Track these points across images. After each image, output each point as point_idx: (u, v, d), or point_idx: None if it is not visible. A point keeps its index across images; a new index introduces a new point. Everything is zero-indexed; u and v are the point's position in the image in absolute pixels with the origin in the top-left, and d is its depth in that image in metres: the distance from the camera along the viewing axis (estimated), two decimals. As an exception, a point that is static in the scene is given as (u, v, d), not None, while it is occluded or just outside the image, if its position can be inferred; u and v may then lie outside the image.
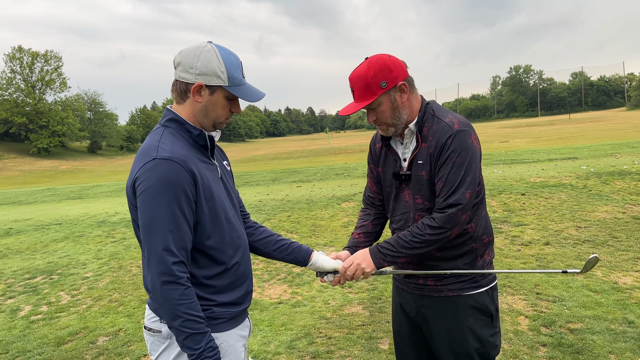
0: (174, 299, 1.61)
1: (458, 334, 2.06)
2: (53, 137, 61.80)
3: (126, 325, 4.77)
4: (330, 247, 7.23)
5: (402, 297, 2.26)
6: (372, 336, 4.11)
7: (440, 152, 1.94)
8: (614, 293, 4.59)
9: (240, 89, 1.77)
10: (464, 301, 2.06)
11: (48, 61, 66.60)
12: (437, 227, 1.92)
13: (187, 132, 1.78)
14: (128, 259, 7.43)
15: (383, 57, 1.97)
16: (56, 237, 9.66)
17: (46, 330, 4.80)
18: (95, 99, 76.01)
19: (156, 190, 1.62)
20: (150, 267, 1.64)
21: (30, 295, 5.99)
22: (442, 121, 1.98)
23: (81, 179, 35.84)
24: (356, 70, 1.99)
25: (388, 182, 2.17)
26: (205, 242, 1.75)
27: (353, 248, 2.24)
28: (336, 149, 40.88)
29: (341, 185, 14.05)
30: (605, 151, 17.15)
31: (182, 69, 1.74)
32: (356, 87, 1.98)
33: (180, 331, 1.64)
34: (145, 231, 1.64)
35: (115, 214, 12.19)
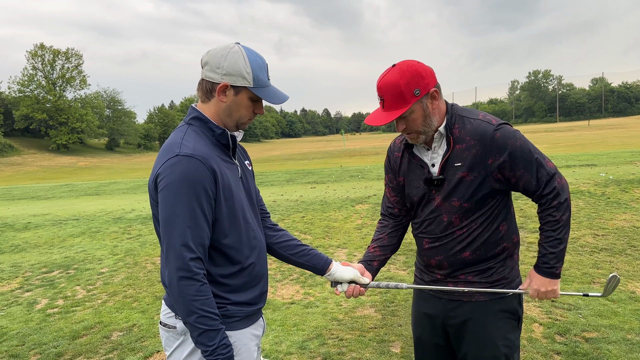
0: (190, 295, 1.63)
1: (488, 338, 2.05)
2: (72, 133, 62.73)
3: (140, 321, 4.82)
4: (344, 248, 7.23)
5: (427, 303, 2.21)
6: (383, 339, 4.10)
7: (493, 151, 1.90)
8: (631, 303, 4.52)
9: (265, 91, 1.79)
10: (495, 306, 2.06)
11: (69, 59, 67.64)
12: (559, 204, 1.92)
13: (210, 130, 1.81)
14: (143, 256, 7.50)
15: (413, 63, 1.91)
16: (73, 233, 9.80)
17: (62, 323, 4.87)
18: (114, 97, 76.99)
19: (177, 186, 1.64)
20: (168, 262, 1.66)
21: (47, 289, 6.08)
22: (476, 120, 1.96)
23: (99, 175, 36.30)
24: (386, 78, 1.90)
25: (415, 190, 2.11)
26: (222, 241, 1.76)
27: (368, 262, 2.21)
28: (351, 151, 40.85)
29: (355, 188, 14.03)
30: (625, 158, 16.87)
31: (209, 69, 1.76)
32: (387, 96, 1.90)
33: (194, 327, 1.65)
34: (164, 226, 1.67)
35: (132, 211, 12.32)
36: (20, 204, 16.60)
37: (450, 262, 2.07)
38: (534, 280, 2.02)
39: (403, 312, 4.65)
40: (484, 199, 1.98)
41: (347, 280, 2.08)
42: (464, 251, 2.04)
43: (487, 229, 2.02)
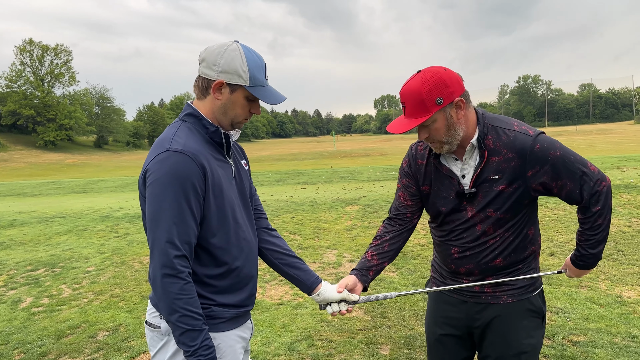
0: (172, 293, 1.60)
1: (513, 338, 2.06)
2: (60, 130, 62.07)
3: (127, 321, 4.76)
4: (334, 249, 7.21)
5: (451, 306, 2.18)
6: (372, 341, 4.09)
7: (533, 162, 1.86)
8: (618, 307, 4.55)
9: (261, 91, 1.76)
10: (522, 306, 2.06)
11: (58, 55, 66.96)
12: (602, 209, 1.89)
13: (204, 128, 1.78)
14: (131, 255, 7.43)
15: (439, 70, 1.84)
16: (60, 230, 9.68)
17: (46, 322, 4.80)
18: (104, 94, 76.31)
19: (165, 181, 1.62)
20: (153, 258, 1.64)
21: (32, 287, 5.99)
22: (512, 130, 1.91)
23: (87, 173, 35.96)
24: (409, 85, 1.85)
25: (443, 200, 2.05)
26: (210, 240, 1.74)
27: (363, 272, 2.12)
28: (341, 152, 40.85)
29: (346, 189, 14.03)
30: (612, 164, 17.04)
31: (206, 65, 1.74)
32: (408, 103, 1.85)
33: (176, 326, 1.62)
34: (150, 222, 1.64)
35: (120, 209, 12.21)
36: (6, 201, 16.38)
37: (481, 269, 2.05)
38: (570, 269, 2.10)
39: (392, 314, 4.64)
40: (519, 208, 1.96)
41: (336, 300, 2.00)
42: (495, 259, 2.03)
43: (518, 235, 2.01)
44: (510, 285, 2.06)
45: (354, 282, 2.08)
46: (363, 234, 8.13)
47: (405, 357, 3.79)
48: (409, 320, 4.51)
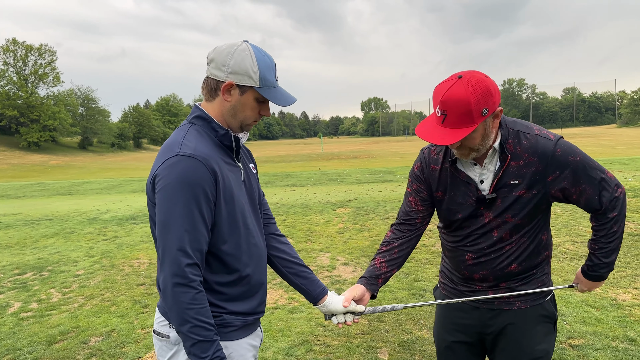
0: (184, 303, 1.55)
1: (528, 344, 2.04)
2: (44, 131, 61.15)
3: (119, 326, 4.67)
4: (326, 252, 7.17)
5: (463, 313, 2.15)
6: (371, 345, 4.05)
7: (553, 167, 1.84)
8: (614, 310, 4.57)
9: (271, 92, 1.71)
10: (535, 312, 2.05)
11: (42, 55, 66.03)
12: (617, 216, 1.88)
13: (213, 131, 1.73)
14: (120, 258, 7.32)
15: (483, 78, 1.73)
16: (46, 233, 9.51)
17: (36, 328, 4.69)
18: (88, 95, 75.33)
19: (175, 187, 1.56)
20: (163, 267, 1.58)
21: (20, 292, 5.86)
22: (533, 135, 1.87)
23: (71, 174, 35.45)
24: (453, 92, 1.70)
25: (459, 206, 2.00)
26: (221, 247, 1.69)
27: (371, 280, 2.05)
28: (329, 155, 40.84)
29: (335, 191, 14.01)
30: (598, 167, 17.25)
31: (215, 66, 1.68)
32: (451, 112, 1.71)
33: (187, 337, 1.57)
34: (161, 229, 1.59)
35: (107, 212, 12.05)
36: (-10, 203, 16.07)
37: (496, 275, 2.02)
38: (584, 285, 2.07)
39: (389, 318, 4.61)
40: (536, 213, 1.94)
41: (342, 312, 1.95)
42: (511, 265, 2.00)
43: (533, 240, 1.99)
44: (526, 288, 2.04)
45: (362, 293, 2.02)
46: (356, 236, 8.10)
47: (405, 362, 3.76)
48: (406, 324, 4.48)
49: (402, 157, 34.51)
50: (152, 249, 7.86)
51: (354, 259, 6.77)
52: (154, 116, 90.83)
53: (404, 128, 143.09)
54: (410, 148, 46.84)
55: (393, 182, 16.20)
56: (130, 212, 11.77)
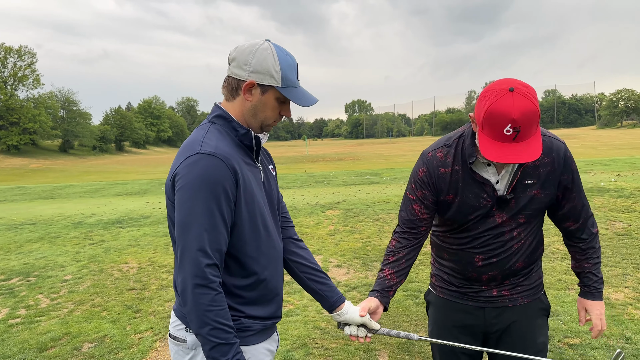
0: (203, 304, 1.51)
1: (532, 338, 2.08)
2: (24, 134, 60.12)
3: (112, 332, 4.58)
4: (319, 255, 7.13)
5: (467, 314, 2.13)
6: (370, 348, 4.03)
7: (564, 168, 1.90)
8: (608, 309, 4.61)
9: (293, 92, 1.68)
10: (535, 305, 2.11)
11: (22, 57, 64.92)
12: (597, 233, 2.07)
13: (234, 130, 1.69)
14: (109, 263, 7.19)
15: (526, 84, 1.69)
16: (31, 238, 9.32)
17: (26, 335, 4.58)
18: (69, 97, 74.34)
19: (195, 186, 1.53)
20: (183, 267, 1.54)
21: (7, 298, 5.72)
22: (547, 136, 1.89)
23: (52, 178, 34.87)
24: (524, 107, 1.63)
25: (471, 208, 1.97)
26: (240, 248, 1.65)
27: (383, 293, 2.00)
28: (314, 157, 40.82)
29: (323, 193, 13.99)
30: (580, 168, 17.46)
31: (236, 65, 1.65)
32: (525, 126, 1.65)
33: (207, 340, 1.52)
34: (180, 229, 1.55)
35: (92, 216, 11.86)
36: (-30, 207, 15.72)
37: (504, 274, 2.03)
38: (595, 309, 2.08)
39: (386, 320, 4.59)
40: (542, 212, 2.00)
41: (357, 323, 1.90)
42: (518, 262, 2.02)
43: (536, 236, 2.04)
44: (526, 286, 2.08)
45: (377, 305, 1.97)
46: (347, 238, 8.09)
47: (405, 364, 3.75)
48: (403, 326, 4.47)
49: (386, 159, 34.65)
50: (140, 253, 7.75)
51: (347, 261, 6.75)
52: (136, 119, 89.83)
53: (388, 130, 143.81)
54: (394, 150, 47.05)
55: (380, 183, 16.23)
56: (116, 216, 11.60)
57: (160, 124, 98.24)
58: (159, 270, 6.68)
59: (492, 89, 1.69)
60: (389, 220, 9.30)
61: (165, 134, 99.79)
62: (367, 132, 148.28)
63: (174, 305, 1.76)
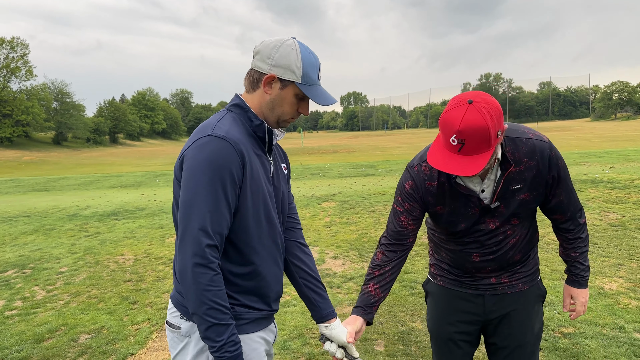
0: (202, 284, 1.51)
1: (530, 325, 2.14)
2: (17, 126, 59.74)
3: (109, 323, 4.58)
4: (315, 246, 7.15)
5: (466, 301, 2.17)
6: (366, 337, 4.06)
7: (549, 168, 1.89)
8: (602, 298, 4.66)
9: (312, 90, 1.70)
10: (533, 291, 2.16)
11: (14, 48, 64.34)
12: (585, 224, 2.09)
13: (249, 120, 1.72)
14: (104, 254, 7.19)
15: (492, 100, 1.66)
16: (25, 230, 9.29)
17: (23, 326, 4.57)
18: (63, 89, 73.85)
19: (203, 167, 1.54)
20: (183, 246, 1.54)
21: (3, 290, 5.71)
22: (529, 139, 1.88)
23: (45, 170, 34.72)
24: (471, 120, 1.61)
25: (461, 217, 1.98)
26: (240, 235, 1.65)
27: (367, 309, 2.00)
28: (309, 149, 40.78)
29: (319, 185, 14.00)
30: (574, 159, 17.58)
31: (260, 58, 1.69)
32: (470, 140, 1.63)
33: (203, 319, 1.53)
34: (184, 208, 1.56)
35: (87, 208, 11.83)
36: (-37, 200, 15.63)
37: (502, 267, 2.09)
38: (580, 297, 2.15)
39: (382, 310, 4.62)
40: (535, 209, 2.03)
41: (339, 343, 1.89)
42: (515, 255, 2.07)
43: (530, 227, 2.08)
44: (524, 272, 2.13)
45: (361, 325, 1.99)
46: (343, 230, 8.11)
47: (401, 353, 3.77)
48: (400, 316, 4.50)
49: (382, 151, 34.68)
50: (136, 245, 7.74)
51: (343, 252, 6.78)
52: (130, 111, 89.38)
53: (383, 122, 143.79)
54: (389, 142, 47.08)
55: (375, 175, 16.26)
56: (111, 208, 11.58)
57: (154, 116, 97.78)
58: (155, 262, 6.68)
59: (456, 98, 1.69)
60: (384, 212, 9.32)
61: (160, 126, 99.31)
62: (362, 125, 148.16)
63: (172, 292, 1.77)
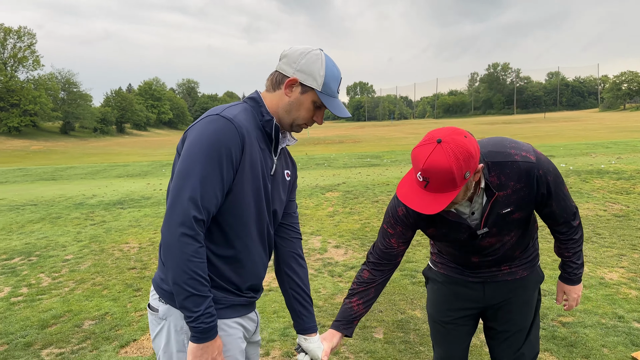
0: (186, 253, 1.54)
1: (529, 310, 2.21)
2: (24, 116, 59.99)
3: (112, 309, 4.65)
4: (317, 235, 7.19)
5: (467, 288, 2.21)
6: (365, 325, 4.09)
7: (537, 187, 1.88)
8: (602, 288, 4.67)
9: (330, 100, 1.77)
10: (532, 277, 2.20)
11: (21, 37, 64.48)
12: (578, 226, 2.09)
13: (260, 114, 1.77)
14: (109, 243, 7.26)
15: (463, 142, 1.64)
16: (32, 218, 9.39)
17: (28, 312, 4.65)
18: (70, 79, 73.97)
19: (203, 142, 1.59)
20: (172, 215, 1.56)
21: (9, 277, 5.79)
22: (515, 162, 1.85)
23: (53, 160, 34.94)
24: (435, 161, 1.62)
25: (454, 238, 2.02)
26: (226, 218, 1.67)
27: (347, 324, 2.05)
28: (315, 139, 40.76)
29: (323, 175, 14.02)
30: (581, 150, 17.50)
31: (286, 62, 1.76)
32: (434, 180, 1.65)
33: (182, 289, 1.54)
34: (177, 178, 1.59)
35: (93, 197, 11.92)
36: (-29, 189, 15.79)
37: (503, 262, 2.14)
38: (573, 293, 2.20)
39: (382, 299, 4.65)
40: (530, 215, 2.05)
41: (314, 357, 1.96)
42: (515, 252, 2.12)
43: (528, 223, 2.09)
44: (524, 259, 2.17)
45: (338, 341, 2.04)
46: (346, 220, 8.14)
47: (400, 341, 3.81)
48: (399, 304, 4.53)
49: (388, 141, 34.61)
50: (141, 233, 7.81)
51: (345, 242, 6.81)
52: (136, 100, 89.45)
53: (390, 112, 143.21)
54: (395, 133, 46.97)
55: (380, 166, 16.26)
56: (117, 197, 11.66)
57: (160, 105, 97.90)
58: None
59: (430, 134, 1.70)
60: (388, 202, 9.34)
61: (166, 116, 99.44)
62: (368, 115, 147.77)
63: (155, 275, 1.79)
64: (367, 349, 3.71)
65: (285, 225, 1.98)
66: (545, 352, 3.54)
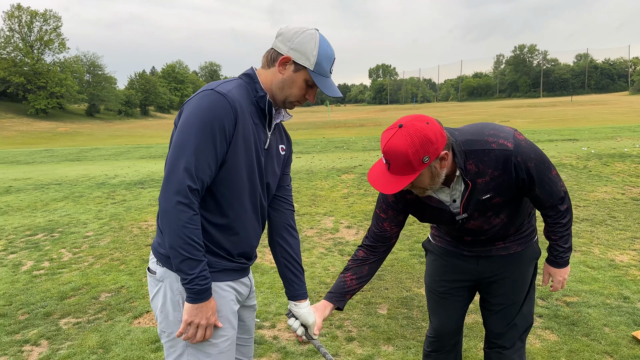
0: (182, 220, 1.64)
1: (523, 283, 2.27)
2: (51, 98, 61.15)
3: (128, 283, 4.83)
4: (330, 216, 7.28)
5: (462, 261, 2.28)
6: (370, 301, 4.18)
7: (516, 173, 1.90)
8: (611, 270, 4.66)
9: (321, 79, 1.82)
10: (527, 253, 2.25)
11: (47, 20, 65.43)
12: (566, 210, 2.08)
13: (255, 90, 1.83)
14: (129, 220, 7.47)
15: (422, 127, 1.72)
16: (56, 197, 9.69)
17: (49, 284, 4.86)
18: (95, 62, 75.02)
19: (198, 115, 1.67)
20: (168, 185, 1.66)
21: (32, 251, 6.04)
22: (492, 150, 1.89)
23: (79, 141, 35.69)
24: (392, 144, 1.73)
25: (441, 222, 2.14)
26: (219, 187, 1.76)
27: (340, 296, 2.14)
28: (335, 122, 40.71)
29: (341, 158, 14.06)
30: (606, 134, 17.15)
31: (281, 40, 1.82)
32: (393, 161, 1.75)
33: (178, 253, 1.65)
34: (173, 149, 1.68)
35: (115, 177, 12.20)
36: (0, 168, 16.30)
37: (496, 239, 2.19)
38: (558, 275, 2.22)
39: (389, 277, 4.73)
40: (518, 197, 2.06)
41: (304, 322, 2.02)
42: (508, 230, 2.16)
43: (520, 202, 2.12)
44: (518, 235, 2.22)
45: (330, 312, 2.12)
46: (359, 201, 8.20)
47: (403, 316, 3.89)
48: (406, 282, 4.60)
49: (409, 124, 34.24)
50: (159, 212, 7.99)
51: (357, 222, 6.88)
52: (160, 83, 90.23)
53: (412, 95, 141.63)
54: (417, 115, 46.39)
55: (399, 148, 16.18)
56: (138, 177, 11.92)
57: (183, 88, 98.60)
58: (175, 228, 6.91)
59: (399, 120, 1.79)
60: (403, 184, 9.35)
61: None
62: (390, 98, 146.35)
63: (153, 241, 1.90)
64: (370, 323, 3.80)
65: (278, 198, 2.07)
66: (546, 330, 3.58)
